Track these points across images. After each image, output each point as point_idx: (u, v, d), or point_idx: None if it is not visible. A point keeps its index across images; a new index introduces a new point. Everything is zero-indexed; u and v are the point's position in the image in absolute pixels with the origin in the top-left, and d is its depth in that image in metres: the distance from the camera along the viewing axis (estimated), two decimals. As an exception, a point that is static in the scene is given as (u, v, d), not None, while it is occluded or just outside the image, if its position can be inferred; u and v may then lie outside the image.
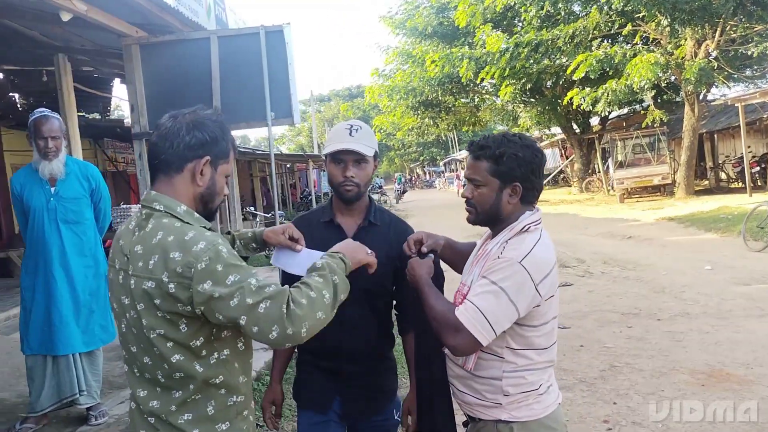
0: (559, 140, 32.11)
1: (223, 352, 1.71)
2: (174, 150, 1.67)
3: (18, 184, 4.11)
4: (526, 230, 2.04)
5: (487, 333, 1.93)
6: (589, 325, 7.02)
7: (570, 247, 12.64)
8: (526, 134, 2.18)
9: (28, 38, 8.33)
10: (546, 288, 1.97)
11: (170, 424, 1.68)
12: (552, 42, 18.97)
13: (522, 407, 2.07)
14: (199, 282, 1.55)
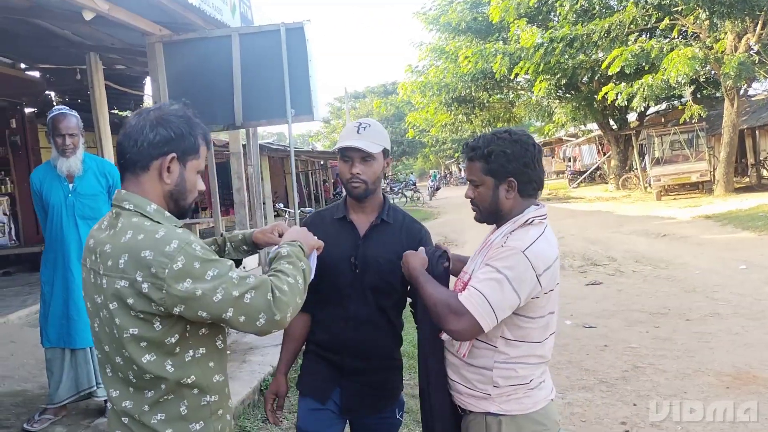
0: (596, 136, 31.62)
1: (198, 350, 1.70)
2: (138, 148, 1.66)
3: (37, 180, 4.18)
4: (530, 223, 2.08)
5: (489, 318, 1.95)
6: (615, 325, 6.90)
7: (602, 245, 12.45)
8: (519, 129, 2.18)
9: (61, 38, 8.52)
10: (547, 280, 2.00)
11: (143, 424, 1.67)
12: (587, 37, 18.67)
13: (511, 400, 2.08)
14: (177, 282, 1.53)
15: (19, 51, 10.21)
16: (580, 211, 20.37)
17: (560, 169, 39.35)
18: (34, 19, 7.03)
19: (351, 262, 2.40)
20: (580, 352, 6.04)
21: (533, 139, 2.14)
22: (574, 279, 9.59)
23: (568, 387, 5.15)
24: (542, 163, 2.18)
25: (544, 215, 2.11)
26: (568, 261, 11.06)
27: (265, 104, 5.79)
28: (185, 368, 1.67)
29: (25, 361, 5.22)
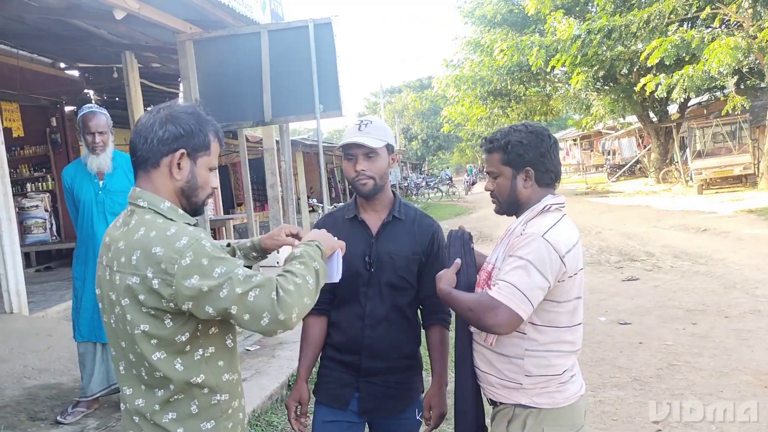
0: (636, 129, 31.01)
1: (208, 349, 1.70)
2: (148, 145, 1.68)
3: (68, 177, 4.26)
4: (547, 210, 2.11)
5: (525, 305, 1.96)
6: (650, 322, 6.76)
7: (640, 240, 12.22)
8: (535, 123, 2.22)
9: (98, 37, 8.68)
10: (571, 261, 2.02)
11: (154, 423, 1.68)
12: (626, 27, 18.27)
13: (543, 394, 2.08)
14: (185, 278, 1.54)
15: (59, 50, 10.45)
16: (618, 205, 20.01)
17: (599, 163, 38.70)
18: (70, 19, 7.17)
19: (365, 261, 2.38)
20: (614, 349, 5.93)
21: (549, 131, 2.19)
22: (610, 275, 9.42)
23: (600, 385, 5.06)
24: (558, 155, 2.21)
25: (561, 203, 2.15)
26: (605, 256, 10.88)
27: (293, 100, 5.83)
28: (195, 367, 1.68)
29: (61, 354, 5.33)
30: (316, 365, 2.58)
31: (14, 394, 4.56)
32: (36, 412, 4.28)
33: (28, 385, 4.75)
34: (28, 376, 4.90)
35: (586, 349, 5.88)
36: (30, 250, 10.45)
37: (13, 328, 5.77)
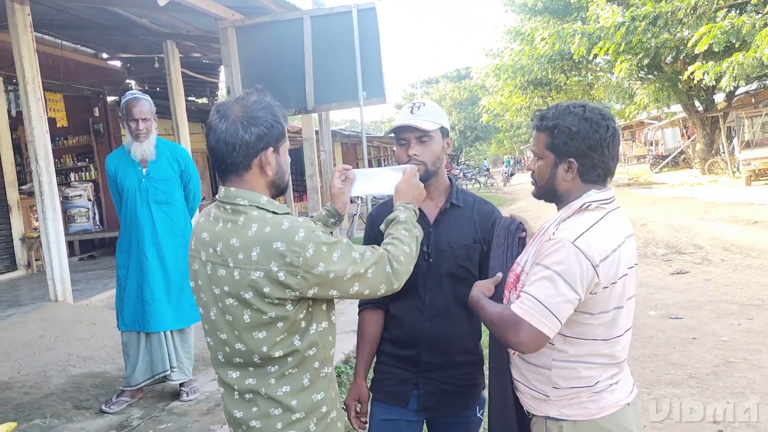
0: (680, 119, 30.24)
1: (321, 324, 1.81)
2: (237, 152, 1.72)
3: (112, 165, 4.21)
4: (585, 208, 1.86)
5: (550, 322, 1.76)
6: (703, 316, 6.51)
7: (687, 232, 11.87)
8: (598, 106, 1.93)
9: (139, 26, 8.71)
10: (606, 271, 1.77)
11: (269, 397, 1.77)
12: (672, 14, 17.72)
13: (573, 405, 1.88)
14: (312, 267, 1.66)
15: (102, 40, 10.54)
16: (663, 197, 19.53)
17: (641, 154, 37.90)
18: (113, 8, 7.17)
19: (423, 251, 2.24)
20: (666, 344, 5.72)
21: (610, 121, 1.89)
22: (658, 267, 9.15)
23: (654, 382, 4.87)
24: (615, 149, 1.91)
25: (605, 200, 1.87)
26: (651, 249, 10.59)
27: (336, 87, 5.73)
28: (310, 341, 1.78)
29: (105, 343, 5.34)
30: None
31: (60, 382, 4.56)
32: (81, 401, 4.27)
33: (73, 373, 4.75)
34: (72, 364, 4.90)
35: (637, 344, 5.69)
36: (73, 239, 10.59)
37: (58, 315, 5.80)
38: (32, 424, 3.87)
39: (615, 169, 1.94)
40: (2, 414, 4.01)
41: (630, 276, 1.88)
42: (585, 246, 1.76)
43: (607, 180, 1.93)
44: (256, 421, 1.78)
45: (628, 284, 1.87)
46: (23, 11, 5.94)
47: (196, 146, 13.95)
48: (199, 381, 4.57)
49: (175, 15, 7.34)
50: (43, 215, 6.16)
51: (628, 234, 1.90)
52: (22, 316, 5.85)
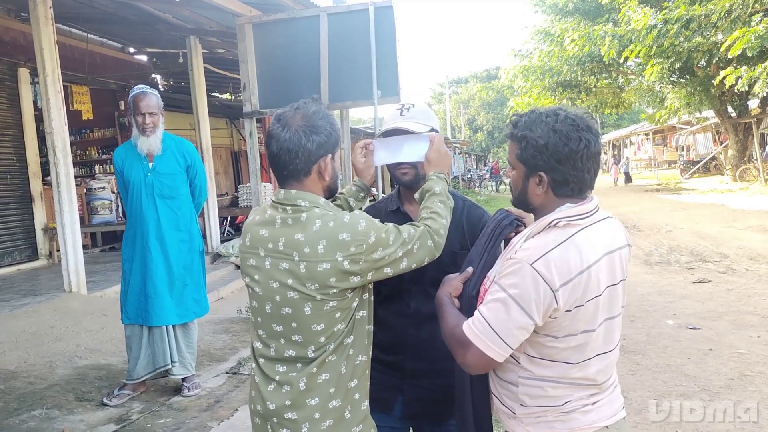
0: (712, 124, 29.70)
1: (361, 312, 1.92)
2: (301, 160, 1.83)
3: (119, 159, 4.24)
4: (554, 225, 1.72)
5: (498, 347, 1.67)
6: (722, 327, 6.35)
7: (713, 240, 11.61)
8: (573, 115, 1.71)
9: (163, 21, 8.77)
10: (569, 295, 1.64)
11: (309, 387, 1.84)
12: (705, 17, 17.38)
13: (540, 423, 1.77)
14: (373, 252, 1.80)
15: (128, 35, 10.64)
16: (691, 203, 19.18)
17: (672, 159, 37.34)
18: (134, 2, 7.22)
19: None
20: (681, 355, 5.58)
21: (584, 132, 1.72)
22: (680, 276, 8.96)
23: (664, 393, 4.74)
24: (590, 162, 1.75)
25: (579, 215, 1.73)
26: (675, 256, 10.38)
27: (351, 85, 5.69)
28: (350, 329, 1.89)
29: (114, 335, 5.37)
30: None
31: (64, 373, 4.60)
32: (83, 393, 4.30)
33: (79, 364, 4.79)
34: (79, 356, 4.94)
35: (651, 354, 5.57)
36: (96, 231, 10.72)
37: (70, 306, 5.86)
38: (32, 414, 3.90)
39: (592, 181, 1.80)
40: (5, 404, 4.05)
41: (607, 296, 1.75)
42: (544, 269, 1.63)
43: (586, 192, 1.79)
44: (293, 412, 1.84)
45: (602, 305, 1.74)
46: (45, 4, 6.01)
47: (218, 141, 14.11)
48: (203, 377, 4.58)
49: (196, 11, 7.38)
50: (59, 206, 6.23)
51: (610, 249, 1.75)
52: (36, 306, 5.92)
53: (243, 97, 6.14)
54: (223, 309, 7.48)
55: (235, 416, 3.92)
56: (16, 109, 9.06)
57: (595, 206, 1.77)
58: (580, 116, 1.74)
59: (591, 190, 1.81)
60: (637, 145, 43.20)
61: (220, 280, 8.71)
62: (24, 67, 8.95)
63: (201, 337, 5.65)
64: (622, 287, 1.80)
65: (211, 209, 10.18)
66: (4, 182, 8.85)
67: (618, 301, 1.79)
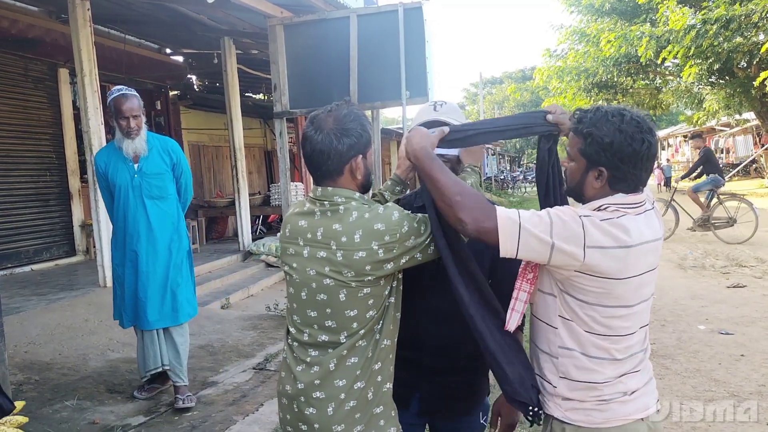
0: (753, 127, 29.05)
1: (390, 299, 2.01)
2: (332, 161, 1.93)
3: (102, 162, 4.11)
4: (603, 209, 1.83)
5: (510, 240, 1.77)
6: (755, 333, 6.23)
7: (751, 244, 11.37)
8: (637, 116, 1.82)
9: (198, 23, 8.92)
10: (597, 260, 1.75)
11: (338, 368, 1.94)
12: (746, 17, 17.01)
13: (578, 411, 1.87)
14: (405, 240, 1.90)
15: (164, 36, 10.83)
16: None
17: (711, 161, 36.60)
18: (169, 3, 7.36)
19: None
20: (712, 360, 5.49)
21: (647, 134, 1.82)
22: (714, 280, 8.80)
23: (692, 398, 4.67)
24: (650, 162, 1.86)
25: (628, 204, 1.84)
26: (710, 260, 10.19)
27: (380, 86, 5.72)
28: (382, 314, 1.99)
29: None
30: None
31: (97, 365, 4.72)
32: (115, 385, 4.40)
33: (111, 357, 4.91)
34: (112, 349, 5.06)
35: (681, 359, 5.49)
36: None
37: (104, 301, 5.99)
38: (65, 405, 4.01)
39: (647, 179, 1.91)
40: (39, 394, 4.18)
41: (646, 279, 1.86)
42: (589, 226, 1.76)
43: (639, 189, 1.88)
44: (320, 392, 1.94)
45: (640, 286, 1.85)
46: (83, 6, 6.17)
47: (251, 141, 14.26)
48: (230, 372, 4.65)
49: (230, 12, 7.49)
50: (95, 203, 6.38)
51: (654, 238, 1.86)
52: (71, 300, 6.08)
53: (273, 97, 6.21)
54: (253, 306, 7.58)
55: (259, 411, 3.98)
56: (55, 109, 9.30)
57: (644, 198, 1.88)
58: (644, 118, 1.84)
59: (644, 186, 1.91)
60: (675, 147, 42.42)
61: (250, 278, 8.82)
62: (64, 67, 9.17)
63: (229, 333, 5.75)
64: (654, 274, 1.92)
65: (243, 208, 10.31)
66: (43, 179, 9.09)
67: (653, 285, 1.92)
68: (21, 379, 4.49)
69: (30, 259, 8.79)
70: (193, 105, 12.63)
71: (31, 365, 4.73)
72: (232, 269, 9.22)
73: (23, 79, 8.81)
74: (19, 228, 8.66)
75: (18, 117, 8.69)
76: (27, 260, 8.74)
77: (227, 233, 12.79)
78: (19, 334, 5.23)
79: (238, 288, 8.19)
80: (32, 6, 8.48)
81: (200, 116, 12.82)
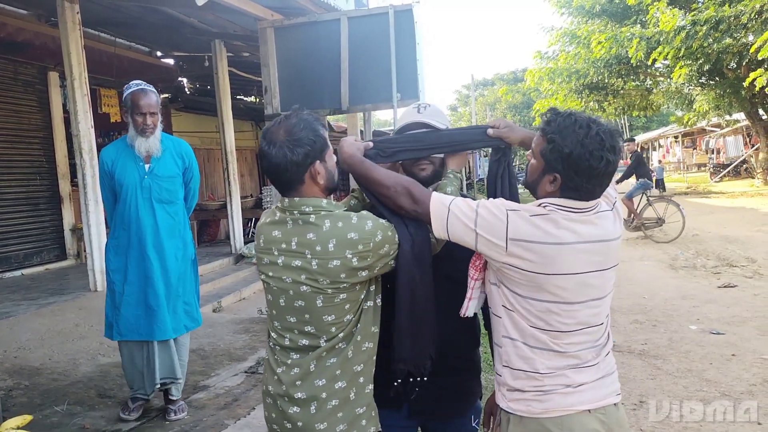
0: (743, 127, 29.22)
1: (368, 303, 2.04)
2: (290, 172, 1.95)
3: (109, 160, 3.83)
4: (542, 206, 1.87)
5: (439, 222, 1.91)
6: (746, 333, 6.26)
7: (741, 244, 11.44)
8: (605, 130, 1.77)
9: (189, 25, 8.90)
10: (520, 253, 1.81)
11: (318, 369, 1.98)
12: (735, 18, 17.09)
13: (520, 401, 1.92)
14: (380, 249, 1.94)
15: (155, 39, 10.80)
16: (720, 207, 18.89)
17: (702, 162, 36.77)
18: (158, 7, 7.34)
19: None
20: (703, 360, 5.52)
21: (608, 152, 1.80)
22: (705, 280, 8.84)
23: (684, 398, 4.69)
24: (605, 179, 1.85)
25: (565, 207, 1.84)
26: (701, 260, 10.25)
27: (371, 88, 5.72)
28: (358, 318, 2.02)
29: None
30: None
31: (87, 370, 4.70)
32: (105, 390, 4.38)
33: (102, 362, 4.88)
34: (102, 353, 5.03)
35: (672, 359, 5.52)
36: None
37: (95, 305, 5.96)
38: (54, 410, 3.99)
39: (600, 194, 1.90)
40: (28, 399, 4.15)
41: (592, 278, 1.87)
42: (513, 219, 1.82)
43: (591, 201, 1.88)
44: (301, 392, 1.98)
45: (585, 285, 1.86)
46: (72, 9, 6.14)
47: (242, 143, 14.24)
48: (222, 375, 4.64)
49: (220, 15, 7.47)
50: (85, 207, 6.35)
51: (600, 239, 1.87)
52: (62, 305, 6.05)
53: (264, 99, 6.21)
54: (245, 309, 7.56)
55: (251, 414, 3.97)
56: (46, 112, 9.26)
57: (591, 206, 1.87)
58: (611, 135, 1.82)
59: (597, 199, 1.90)
60: (666, 148, 42.62)
61: (242, 281, 8.80)
62: (53, 70, 9.14)
63: (221, 336, 5.73)
64: (613, 272, 1.94)
65: (235, 211, 10.30)
66: (33, 183, 9.05)
67: (607, 284, 1.92)
68: (11, 384, 4.46)
69: (20, 264, 8.75)
70: (184, 108, 12.60)
71: (21, 370, 4.71)
72: (224, 272, 9.19)
73: (13, 83, 8.78)
74: (9, 232, 8.61)
75: (8, 121, 8.66)
76: (17, 265, 8.70)
77: (219, 236, 12.77)
78: (8, 339, 5.20)
79: (230, 291, 8.17)
80: (21, 9, 8.43)
81: (191, 119, 12.79)
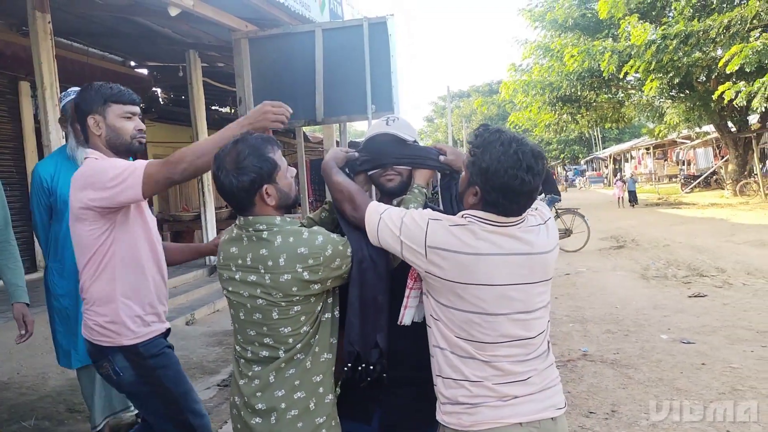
0: (713, 139, 29.77)
1: (326, 315, 2.11)
2: (238, 197, 2.03)
3: (47, 175, 3.46)
4: (463, 216, 1.93)
5: (371, 228, 2.02)
6: (716, 342, 6.35)
7: (711, 254, 11.62)
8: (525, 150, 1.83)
9: (163, 36, 8.86)
10: (438, 262, 1.89)
11: (277, 380, 2.05)
12: (704, 33, 17.48)
13: (452, 414, 1.96)
14: (331, 262, 2.01)
15: (129, 49, 10.74)
16: (690, 217, 19.20)
17: (673, 173, 37.39)
18: (133, 16, 7.31)
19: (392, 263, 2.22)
20: (674, 369, 5.59)
21: (524, 171, 1.82)
22: (676, 290, 8.96)
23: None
24: (523, 197, 1.87)
25: (485, 219, 1.89)
26: (672, 270, 10.39)
27: (345, 100, 5.71)
28: (317, 329, 2.08)
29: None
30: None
31: (56, 384, 4.63)
32: (75, 404, 4.32)
33: (71, 376, 4.78)
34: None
35: (644, 368, 5.58)
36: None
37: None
38: (22, 426, 3.92)
39: (520, 212, 1.92)
40: (-5, 414, 4.08)
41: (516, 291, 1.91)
42: (433, 228, 1.90)
43: (511, 217, 1.92)
44: (262, 403, 2.04)
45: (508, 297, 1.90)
46: (44, 19, 6.08)
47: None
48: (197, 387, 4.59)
49: (194, 25, 7.45)
50: (56, 219, 6.25)
51: (524, 252, 1.91)
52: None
53: (239, 111, 6.18)
54: (219, 322, 7.51)
55: (223, 429, 3.94)
56: (16, 123, 9.14)
57: (513, 220, 1.92)
58: (528, 154, 1.84)
59: (518, 217, 1.94)
60: (638, 159, 43.26)
61: (216, 292, 8.73)
62: (25, 80, 9.04)
63: (194, 349, 5.68)
64: (543, 286, 1.97)
65: (209, 222, 10.22)
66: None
67: (534, 298, 1.95)
68: (-23, 399, 4.38)
69: (-12, 276, 8.58)
70: (159, 118, 12.53)
71: (-12, 385, 4.62)
72: (197, 284, 9.12)
73: (-17, 92, 8.66)
74: (-23, 244, 8.44)
75: (-23, 130, 8.53)
76: (-15, 277, 8.53)
77: (193, 247, 12.65)
78: (-25, 354, 5.10)
79: (204, 303, 8.11)
80: (-8, 18, 8.34)
81: (166, 129, 12.72)
